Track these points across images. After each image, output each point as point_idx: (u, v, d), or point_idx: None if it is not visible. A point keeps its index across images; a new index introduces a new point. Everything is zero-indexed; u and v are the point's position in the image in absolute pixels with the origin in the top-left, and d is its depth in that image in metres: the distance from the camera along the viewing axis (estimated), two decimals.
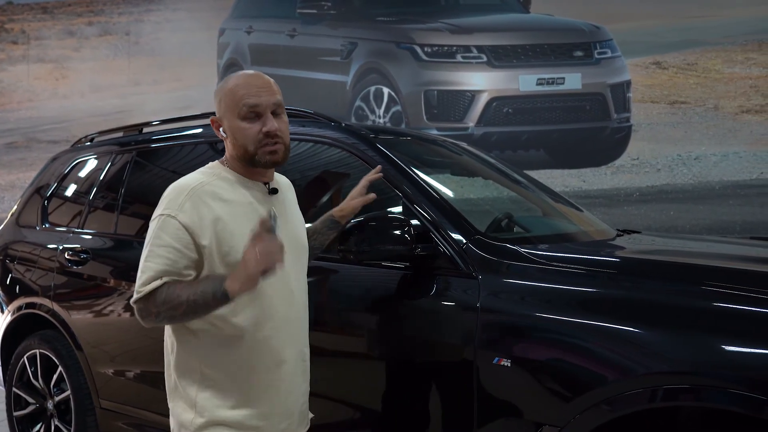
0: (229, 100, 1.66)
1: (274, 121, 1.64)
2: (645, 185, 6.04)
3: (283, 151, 1.67)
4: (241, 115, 1.64)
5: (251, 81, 1.66)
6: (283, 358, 1.68)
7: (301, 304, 1.76)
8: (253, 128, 1.64)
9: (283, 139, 1.66)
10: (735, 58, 6.20)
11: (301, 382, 1.76)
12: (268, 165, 1.67)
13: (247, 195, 1.67)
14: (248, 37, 6.94)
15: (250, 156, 1.64)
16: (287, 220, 1.73)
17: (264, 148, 1.64)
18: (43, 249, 3.31)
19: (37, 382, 3.18)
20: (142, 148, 3.18)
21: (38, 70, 8.01)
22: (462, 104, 5.71)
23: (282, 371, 1.68)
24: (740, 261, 2.17)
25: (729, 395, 1.53)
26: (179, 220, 1.58)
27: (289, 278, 1.70)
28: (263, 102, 1.64)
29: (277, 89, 1.69)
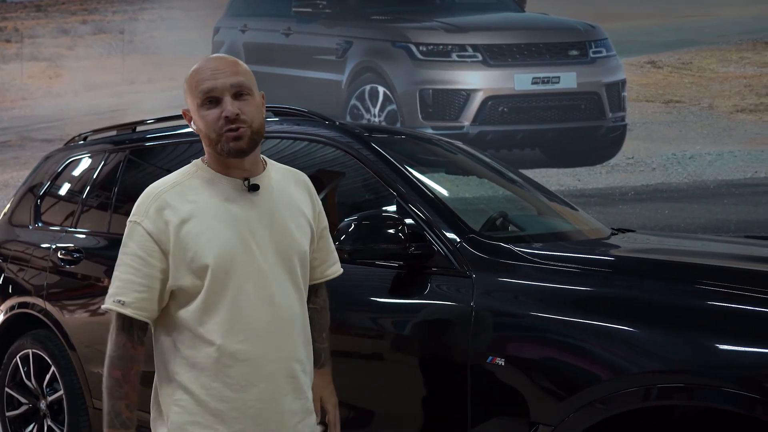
0: (189, 87, 1.53)
1: (233, 104, 1.48)
2: (640, 184, 6.05)
3: (249, 135, 1.50)
4: (200, 102, 1.50)
5: (207, 65, 1.52)
6: (256, 376, 1.51)
7: (288, 316, 1.56)
8: (211, 114, 1.49)
9: (247, 123, 1.49)
10: (729, 57, 6.22)
11: (291, 401, 1.56)
12: (232, 153, 1.49)
13: (220, 193, 1.52)
14: (243, 36, 6.92)
15: (215, 144, 1.50)
16: (274, 220, 1.56)
17: (226, 134, 1.48)
18: (36, 248, 3.29)
19: (30, 382, 3.17)
20: (135, 147, 3.16)
21: (32, 68, 7.98)
22: (457, 103, 5.71)
23: (257, 390, 1.52)
24: (735, 260, 2.17)
25: (723, 394, 1.53)
26: (144, 227, 1.51)
27: (270, 286, 1.53)
28: (219, 85, 1.48)
29: (238, 70, 1.52)
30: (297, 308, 1.59)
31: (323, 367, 1.79)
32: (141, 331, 1.53)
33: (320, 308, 1.79)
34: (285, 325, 1.56)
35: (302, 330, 1.61)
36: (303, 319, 1.62)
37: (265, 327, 1.53)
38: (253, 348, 1.52)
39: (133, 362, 1.52)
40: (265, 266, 1.53)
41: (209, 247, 1.49)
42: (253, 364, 1.52)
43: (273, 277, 1.54)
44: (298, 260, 1.60)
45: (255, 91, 1.55)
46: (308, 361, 1.63)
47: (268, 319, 1.53)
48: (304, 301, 1.63)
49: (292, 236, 1.59)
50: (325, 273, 1.76)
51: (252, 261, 1.52)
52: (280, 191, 1.60)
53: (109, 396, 1.53)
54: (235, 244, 1.51)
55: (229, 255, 1.50)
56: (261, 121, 1.54)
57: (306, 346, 1.62)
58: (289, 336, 1.57)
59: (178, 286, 1.50)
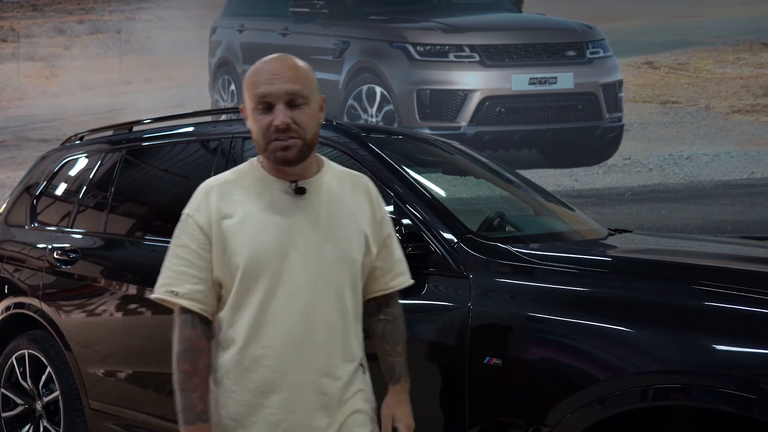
0: (246, 86, 1.49)
1: (285, 114, 1.43)
2: (637, 185, 6.05)
3: (300, 147, 1.44)
4: (254, 105, 1.46)
5: (265, 66, 1.47)
6: (278, 384, 1.47)
7: (322, 327, 1.48)
8: (263, 120, 1.44)
9: (299, 134, 1.44)
10: (726, 58, 6.23)
11: (320, 418, 1.49)
12: (279, 162, 1.46)
13: (267, 194, 1.50)
14: (240, 36, 6.91)
15: (263, 150, 1.47)
16: (319, 225, 1.50)
17: (274, 143, 1.44)
18: (32, 248, 3.28)
19: (26, 382, 3.16)
20: (132, 147, 3.15)
21: (28, 68, 7.96)
22: (454, 103, 5.71)
23: (278, 398, 1.47)
24: (731, 260, 2.17)
25: (720, 394, 1.53)
26: (195, 219, 1.51)
27: (305, 294, 1.47)
28: (274, 91, 1.43)
29: (297, 75, 1.46)
30: (335, 319, 1.51)
31: (398, 382, 1.66)
32: (204, 324, 1.51)
33: (392, 319, 1.67)
34: (317, 336, 1.49)
35: (342, 343, 1.52)
36: (344, 333, 1.52)
37: (294, 335, 1.47)
38: (278, 355, 1.47)
39: (200, 354, 1.50)
40: (302, 272, 1.48)
41: (244, 247, 1.47)
42: (276, 371, 1.47)
43: (310, 284, 1.48)
44: (342, 268, 1.52)
45: (314, 97, 1.49)
46: (352, 379, 1.54)
47: (298, 328, 1.47)
48: (348, 312, 1.53)
49: (338, 243, 1.52)
50: (389, 284, 1.64)
51: (287, 265, 1.47)
52: (332, 196, 1.54)
53: (181, 390, 1.50)
54: (270, 246, 1.47)
55: (263, 257, 1.47)
56: (315, 131, 1.49)
57: (348, 362, 1.53)
58: (320, 348, 1.49)
59: (216, 279, 1.50)
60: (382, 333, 1.64)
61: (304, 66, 1.50)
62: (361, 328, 1.61)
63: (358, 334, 1.58)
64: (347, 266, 1.52)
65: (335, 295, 1.51)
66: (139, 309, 2.76)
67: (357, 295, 1.57)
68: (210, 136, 2.82)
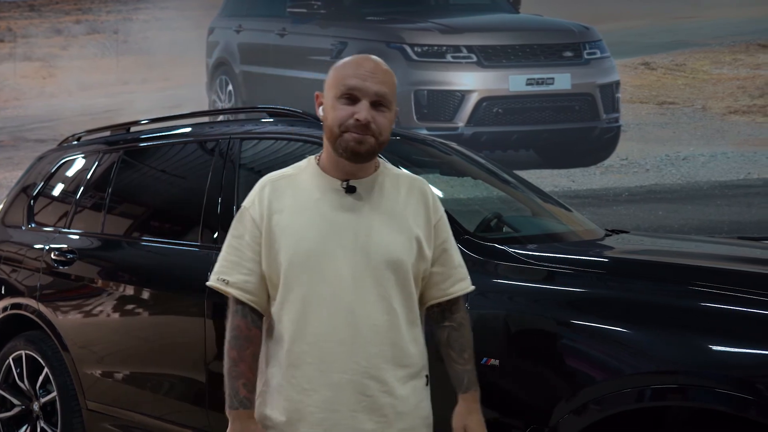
0: (334, 76, 1.53)
1: (368, 111, 1.46)
2: (634, 185, 6.06)
3: (371, 145, 1.47)
4: (338, 94, 1.49)
5: (362, 63, 1.52)
6: (320, 382, 1.48)
7: (366, 327, 1.48)
8: (344, 111, 1.48)
9: (374, 133, 1.47)
10: (723, 59, 6.24)
11: (364, 421, 1.48)
12: (348, 153, 1.47)
13: (318, 191, 1.52)
14: (238, 36, 6.91)
15: (335, 138, 1.48)
16: (367, 225, 1.50)
17: (350, 134, 1.46)
18: (29, 249, 3.28)
19: (23, 383, 3.15)
20: (129, 148, 3.15)
21: (25, 68, 7.94)
22: (452, 104, 5.71)
23: (319, 397, 1.48)
24: (728, 261, 2.18)
25: (716, 395, 1.54)
26: (251, 213, 1.55)
27: (349, 293, 1.48)
28: (364, 87, 1.47)
29: (388, 80, 1.51)
30: (381, 321, 1.49)
31: (467, 391, 1.61)
32: (254, 314, 1.55)
33: (457, 326, 1.63)
34: (360, 337, 1.48)
35: (390, 347, 1.50)
36: (392, 335, 1.51)
37: (337, 334, 1.48)
38: (321, 353, 1.48)
39: (248, 342, 1.53)
40: (347, 271, 1.49)
41: (290, 243, 1.50)
42: (319, 368, 1.48)
43: (355, 284, 1.49)
44: (389, 270, 1.50)
45: (393, 106, 1.53)
46: (401, 384, 1.51)
47: (341, 327, 1.48)
48: (397, 315, 1.51)
49: (385, 244, 1.51)
50: (448, 290, 1.61)
51: (331, 264, 1.49)
52: (384, 197, 1.55)
53: (228, 376, 1.53)
54: (315, 243, 1.50)
55: (307, 254, 1.49)
56: (387, 136, 1.52)
57: (399, 367, 1.51)
58: (364, 349, 1.48)
59: (266, 274, 1.53)
60: (448, 340, 1.62)
61: (392, 73, 1.55)
62: (420, 335, 1.58)
63: (416, 340, 1.56)
64: (393, 267, 1.51)
65: (380, 296, 1.50)
66: (136, 310, 2.76)
67: (409, 298, 1.54)
68: (208, 136, 2.82)
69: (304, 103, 4.57)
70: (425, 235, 1.57)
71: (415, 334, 1.56)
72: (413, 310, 1.56)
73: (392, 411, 1.50)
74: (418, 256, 1.55)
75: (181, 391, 2.58)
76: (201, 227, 2.59)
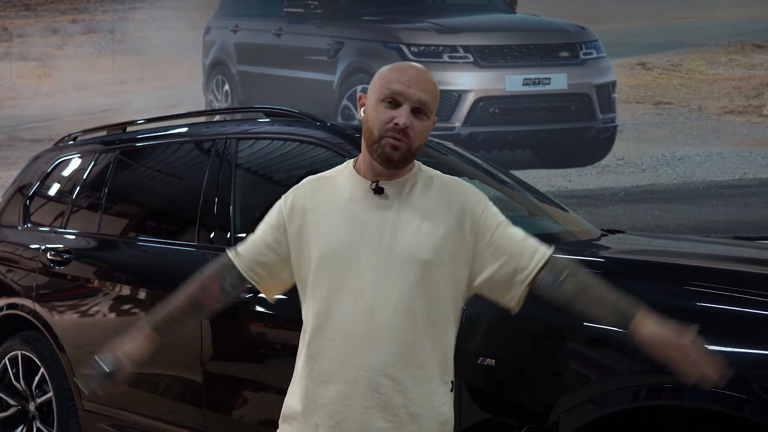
0: (379, 79, 1.55)
1: (408, 117, 1.50)
2: (630, 185, 6.08)
3: (405, 151, 1.51)
4: (381, 97, 1.52)
5: (407, 70, 1.54)
6: (335, 376, 1.51)
7: (384, 326, 1.49)
8: (386, 114, 1.51)
9: (410, 140, 1.51)
10: (718, 59, 6.26)
11: (376, 419, 1.48)
12: (383, 158, 1.51)
13: (349, 192, 1.57)
14: (234, 36, 6.90)
15: (374, 141, 1.51)
16: (393, 225, 1.53)
17: (388, 138, 1.50)
18: (25, 249, 3.27)
19: (19, 383, 3.15)
20: (126, 148, 3.15)
21: (21, 67, 7.92)
22: (448, 104, 5.72)
23: (334, 390, 1.51)
24: (723, 261, 2.19)
25: (711, 394, 1.54)
26: (282, 204, 1.64)
27: (371, 291, 1.50)
28: (409, 93, 1.50)
29: (430, 89, 1.53)
30: (399, 320, 1.50)
31: (636, 313, 1.47)
32: (230, 284, 1.67)
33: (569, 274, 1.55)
34: (378, 335, 1.50)
35: (407, 347, 1.50)
36: (410, 335, 1.50)
37: (356, 331, 1.51)
38: (339, 348, 1.52)
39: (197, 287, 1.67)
40: (370, 270, 1.51)
41: (318, 241, 1.55)
42: (336, 363, 1.52)
43: (376, 283, 1.50)
44: (413, 271, 1.50)
45: (432, 115, 1.56)
46: (416, 386, 1.51)
47: (360, 324, 1.50)
48: (416, 316, 1.51)
49: (410, 245, 1.52)
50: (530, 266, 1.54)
51: (356, 262, 1.52)
52: (414, 198, 1.56)
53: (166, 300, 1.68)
54: (341, 242, 1.54)
55: (332, 252, 1.54)
56: (421, 144, 1.55)
57: (416, 368, 1.51)
58: (381, 347, 1.50)
59: (295, 270, 1.61)
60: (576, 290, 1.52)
61: (436, 85, 1.58)
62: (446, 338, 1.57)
63: (438, 343, 1.55)
64: (417, 268, 1.51)
65: (401, 297, 1.50)
66: (132, 310, 2.75)
67: (433, 300, 1.53)
68: (204, 136, 2.82)
69: (300, 103, 4.57)
70: (460, 238, 1.55)
71: (438, 336, 1.55)
72: (439, 311, 1.55)
73: (404, 411, 1.50)
74: (449, 258, 1.54)
75: (177, 391, 2.58)
76: (197, 227, 2.59)
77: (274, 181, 2.66)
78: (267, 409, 2.16)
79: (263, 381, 2.28)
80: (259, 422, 2.29)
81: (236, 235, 2.51)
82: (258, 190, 2.65)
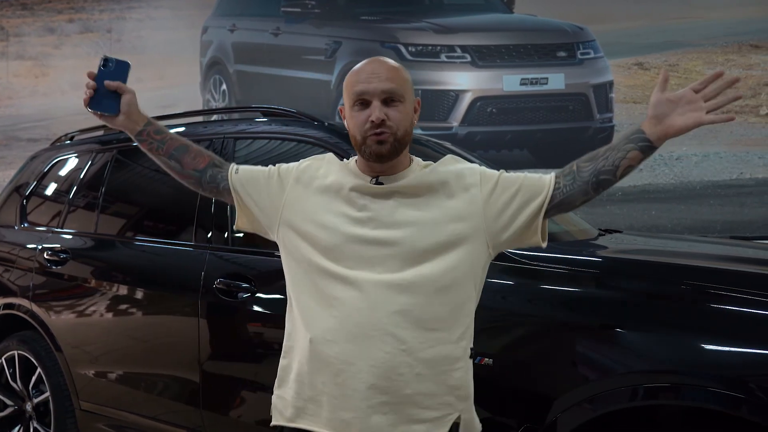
0: (345, 86, 1.57)
1: (380, 110, 1.50)
2: (627, 185, 6.08)
3: (392, 142, 1.51)
4: (351, 103, 1.54)
5: (364, 67, 1.55)
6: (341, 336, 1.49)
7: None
8: (360, 117, 1.52)
9: (392, 129, 1.50)
10: (715, 59, 6.27)
11: (380, 377, 1.47)
12: (373, 157, 1.52)
13: (347, 183, 1.56)
14: (231, 36, 6.89)
15: (360, 145, 1.53)
16: (388, 218, 1.52)
17: (370, 137, 1.51)
18: (22, 249, 3.27)
19: (16, 383, 3.14)
20: (123, 147, 3.14)
21: (18, 67, 7.90)
22: (446, 104, 5.72)
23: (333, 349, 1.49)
24: (720, 260, 2.19)
25: (708, 393, 1.54)
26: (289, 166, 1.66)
27: (367, 284, 1.48)
28: (371, 89, 1.51)
29: (394, 75, 1.53)
30: (406, 282, 1.48)
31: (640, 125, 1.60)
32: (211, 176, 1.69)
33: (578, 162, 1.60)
34: (385, 296, 1.48)
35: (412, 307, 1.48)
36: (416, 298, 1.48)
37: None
38: (344, 309, 1.49)
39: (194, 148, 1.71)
40: (365, 263, 1.50)
41: (312, 231, 1.55)
42: (341, 323, 1.49)
43: (372, 275, 1.49)
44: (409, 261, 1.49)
45: (408, 98, 1.55)
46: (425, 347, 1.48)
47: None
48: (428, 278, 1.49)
49: (406, 236, 1.50)
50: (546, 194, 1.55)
51: (351, 254, 1.51)
52: (413, 191, 1.55)
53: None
54: (336, 233, 1.53)
55: (327, 243, 1.53)
56: (406, 128, 1.54)
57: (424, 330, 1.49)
58: (386, 308, 1.47)
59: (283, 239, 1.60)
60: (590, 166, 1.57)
61: (399, 67, 1.57)
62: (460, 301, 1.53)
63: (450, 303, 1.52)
64: (418, 260, 1.50)
65: (399, 288, 1.49)
66: (129, 309, 2.75)
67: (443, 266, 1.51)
68: (201, 136, 2.82)
69: (298, 103, 4.56)
70: (466, 216, 1.53)
71: (449, 300, 1.51)
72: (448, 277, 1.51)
73: (410, 371, 1.47)
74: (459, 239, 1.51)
75: (174, 391, 2.58)
76: (195, 227, 2.59)
77: None
78: (264, 409, 2.15)
79: (260, 381, 2.28)
80: (257, 422, 2.29)
81: (233, 234, 2.50)
82: None
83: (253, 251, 2.40)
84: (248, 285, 2.30)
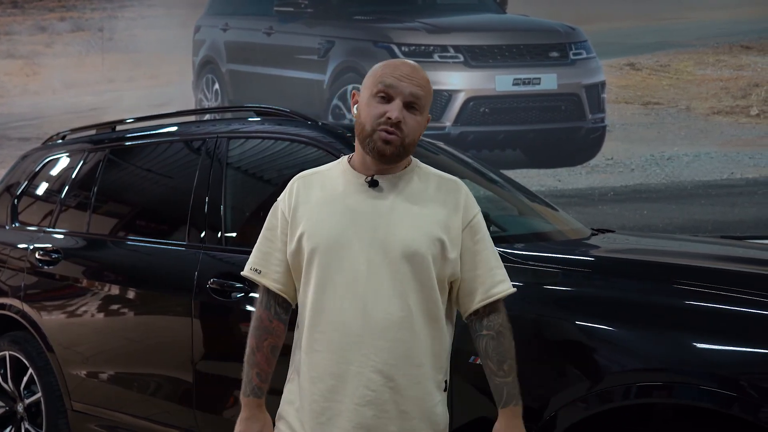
0: (372, 75, 1.55)
1: (401, 111, 1.49)
2: (619, 185, 6.11)
3: (399, 145, 1.49)
4: (373, 92, 1.52)
5: (399, 66, 1.54)
6: (326, 371, 1.50)
7: (379, 322, 1.47)
8: (378, 108, 1.50)
9: (403, 134, 1.49)
10: (706, 60, 6.31)
11: (366, 415, 1.47)
12: (375, 153, 1.50)
13: (343, 185, 1.56)
14: (224, 35, 6.87)
15: (366, 135, 1.50)
16: (387, 219, 1.51)
17: (380, 132, 1.49)
18: (13, 249, 3.25)
19: (7, 384, 3.12)
20: (115, 146, 3.13)
21: (8, 65, 7.85)
22: (439, 104, 5.73)
23: (318, 387, 1.51)
24: (711, 260, 2.21)
25: (701, 392, 1.55)
26: (281, 206, 1.62)
27: (363, 284, 1.48)
28: (401, 87, 1.50)
29: (423, 84, 1.53)
30: (394, 316, 1.48)
31: (507, 406, 1.54)
32: (280, 307, 1.62)
33: (495, 334, 1.55)
34: (371, 329, 1.48)
35: (401, 343, 1.48)
36: (405, 332, 1.48)
37: (348, 325, 1.49)
38: (331, 342, 1.50)
39: (267, 334, 1.61)
40: (362, 263, 1.50)
41: (310, 233, 1.54)
42: (327, 357, 1.51)
43: (369, 276, 1.49)
44: (407, 264, 1.49)
45: (426, 112, 1.56)
46: (410, 384, 1.49)
47: (352, 317, 1.49)
48: (412, 311, 1.49)
49: (403, 239, 1.50)
50: (487, 293, 1.54)
51: (347, 255, 1.50)
52: (409, 192, 1.55)
53: (245, 363, 1.62)
54: (334, 235, 1.52)
55: (325, 244, 1.52)
56: (415, 138, 1.54)
57: (411, 366, 1.49)
58: (373, 342, 1.48)
59: (290, 261, 1.58)
60: (486, 350, 1.55)
61: (429, 82, 1.57)
62: (443, 336, 1.56)
63: (435, 339, 1.53)
64: (411, 261, 1.49)
65: (395, 291, 1.49)
66: (122, 310, 2.74)
67: (428, 296, 1.52)
68: (194, 135, 2.81)
69: (291, 102, 4.55)
70: (450, 237, 1.54)
71: (434, 334, 1.53)
72: (433, 308, 1.53)
73: (395, 408, 1.49)
74: (440, 255, 1.52)
75: (168, 391, 2.57)
76: (188, 227, 2.58)
77: (264, 180, 2.66)
78: None
79: None
80: None
81: (226, 234, 2.50)
82: (249, 189, 2.64)
83: (246, 251, 2.39)
84: (242, 285, 2.30)
